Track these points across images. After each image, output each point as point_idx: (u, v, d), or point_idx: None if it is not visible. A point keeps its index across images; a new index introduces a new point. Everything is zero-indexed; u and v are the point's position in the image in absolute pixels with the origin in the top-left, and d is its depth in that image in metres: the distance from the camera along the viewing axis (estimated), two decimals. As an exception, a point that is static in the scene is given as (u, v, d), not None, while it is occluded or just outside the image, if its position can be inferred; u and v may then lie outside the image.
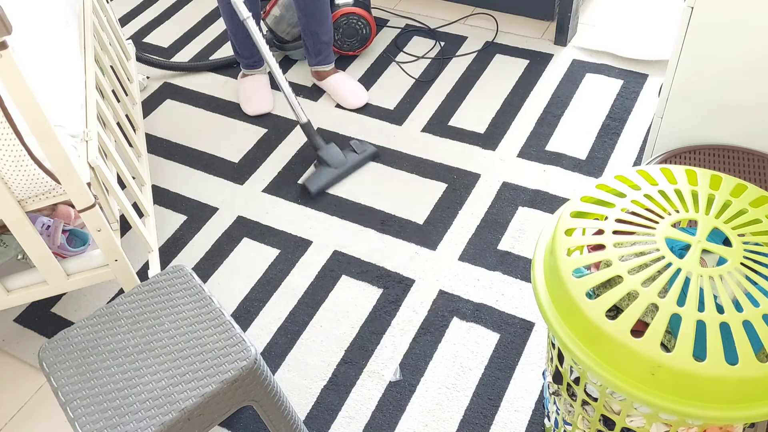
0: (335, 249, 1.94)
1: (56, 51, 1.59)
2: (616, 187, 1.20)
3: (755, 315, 0.99)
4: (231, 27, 2.31)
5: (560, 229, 1.15)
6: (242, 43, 2.35)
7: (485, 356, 1.66)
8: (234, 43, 2.38)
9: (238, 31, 2.30)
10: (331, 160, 2.12)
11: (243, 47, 2.37)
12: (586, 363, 1.03)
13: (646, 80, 2.31)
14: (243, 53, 2.39)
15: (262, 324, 1.79)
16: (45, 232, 1.67)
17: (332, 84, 2.39)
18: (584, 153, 2.10)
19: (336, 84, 2.39)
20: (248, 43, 2.34)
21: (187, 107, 2.46)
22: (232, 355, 1.24)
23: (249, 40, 2.32)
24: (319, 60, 2.37)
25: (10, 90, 1.22)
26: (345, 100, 2.36)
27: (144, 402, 1.20)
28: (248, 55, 2.39)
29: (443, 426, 1.56)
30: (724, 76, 1.45)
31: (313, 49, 2.34)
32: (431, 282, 1.83)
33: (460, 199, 2.02)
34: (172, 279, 1.38)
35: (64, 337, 1.32)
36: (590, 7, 2.63)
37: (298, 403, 1.63)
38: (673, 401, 0.98)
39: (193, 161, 2.26)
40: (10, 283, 1.59)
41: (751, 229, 1.11)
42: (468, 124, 2.25)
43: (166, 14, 2.91)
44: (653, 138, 1.64)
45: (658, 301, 1.01)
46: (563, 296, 1.08)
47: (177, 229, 2.05)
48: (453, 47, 2.54)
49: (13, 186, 1.36)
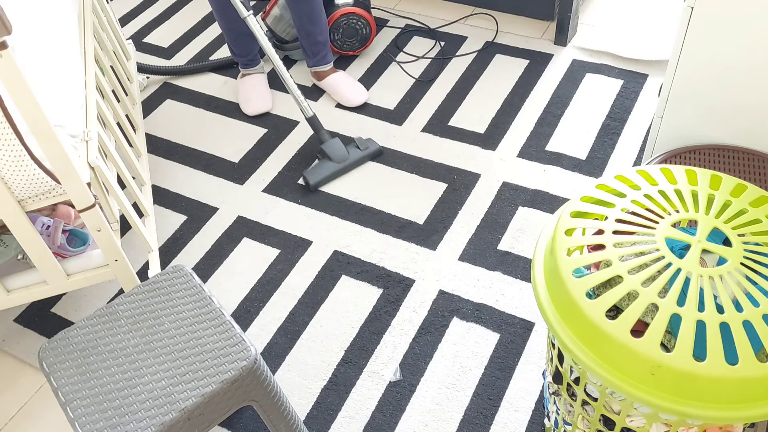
0: (335, 249, 1.94)
1: (56, 51, 1.59)
2: (616, 187, 1.20)
3: (755, 315, 0.99)
4: (224, 25, 2.30)
5: (560, 229, 1.15)
6: (236, 41, 2.35)
7: (485, 356, 1.66)
8: (229, 42, 2.38)
9: (231, 29, 2.30)
10: (333, 154, 2.12)
11: (238, 45, 2.36)
12: (586, 363, 1.03)
13: (646, 80, 2.31)
14: (238, 51, 2.38)
15: (262, 324, 1.79)
16: (45, 232, 1.67)
17: (331, 83, 2.39)
18: (584, 153, 2.10)
19: (335, 83, 2.39)
20: (243, 41, 2.34)
21: (187, 107, 2.46)
22: (232, 355, 1.24)
23: (244, 38, 2.33)
24: (316, 60, 2.37)
25: (10, 90, 1.22)
26: (344, 98, 2.36)
27: (144, 402, 1.20)
28: (244, 53, 2.38)
29: (443, 426, 1.56)
30: (724, 76, 1.45)
31: (309, 50, 2.34)
32: (431, 282, 1.83)
33: (460, 199, 2.02)
34: (172, 279, 1.38)
35: (64, 337, 1.32)
36: (590, 7, 2.63)
37: (298, 403, 1.63)
38: (673, 401, 0.98)
39: (193, 161, 2.26)
40: (10, 283, 1.59)
41: (751, 229, 1.11)
42: (468, 124, 2.25)
43: (166, 14, 2.91)
44: (653, 138, 1.64)
45: (658, 301, 1.01)
46: (563, 296, 1.08)
47: (177, 229, 2.05)
48: (453, 47, 2.54)
49: (13, 186, 1.36)
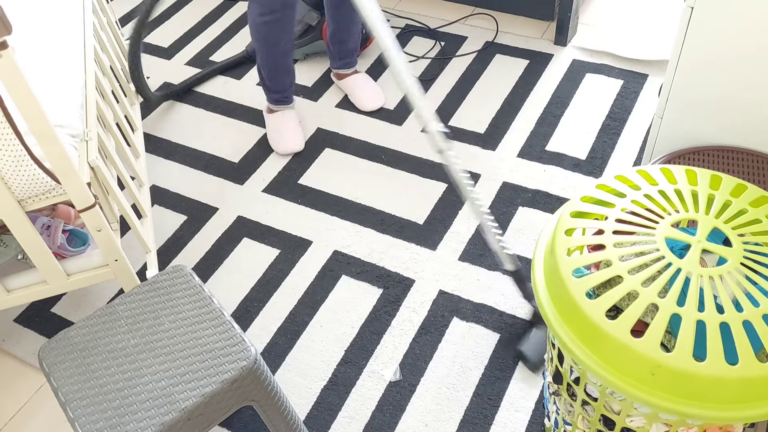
0: (335, 249, 1.94)
1: (56, 51, 1.59)
2: (616, 187, 1.20)
3: (755, 315, 0.99)
4: (267, 58, 2.09)
5: (560, 229, 1.15)
6: (277, 78, 2.16)
7: (485, 356, 1.66)
8: (265, 76, 2.16)
9: (276, 63, 2.11)
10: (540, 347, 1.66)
11: (277, 82, 2.17)
12: (586, 363, 1.03)
13: (646, 80, 2.31)
14: (274, 87, 2.18)
15: (262, 324, 1.79)
16: (45, 232, 1.67)
17: (350, 84, 2.36)
18: (584, 153, 2.10)
19: (354, 84, 2.36)
20: (283, 77, 2.17)
21: (187, 107, 2.46)
22: (232, 355, 1.24)
23: (284, 75, 2.16)
24: (342, 64, 2.34)
25: (10, 90, 1.22)
26: (360, 101, 2.34)
27: (144, 402, 1.20)
28: (280, 89, 2.19)
29: (443, 426, 1.56)
30: (724, 75, 1.45)
31: (337, 54, 2.31)
32: (431, 282, 1.83)
33: (460, 199, 2.02)
34: (172, 279, 1.38)
35: (64, 337, 1.32)
36: (590, 7, 2.63)
37: (298, 403, 1.63)
38: (673, 401, 0.98)
39: (193, 161, 2.26)
40: (10, 283, 1.59)
41: (751, 229, 1.11)
42: (468, 124, 2.25)
43: (166, 14, 2.91)
44: (653, 138, 1.64)
45: (658, 301, 1.01)
46: (563, 296, 1.08)
47: (177, 229, 2.05)
48: (453, 47, 2.54)
49: (13, 186, 1.36)
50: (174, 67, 2.64)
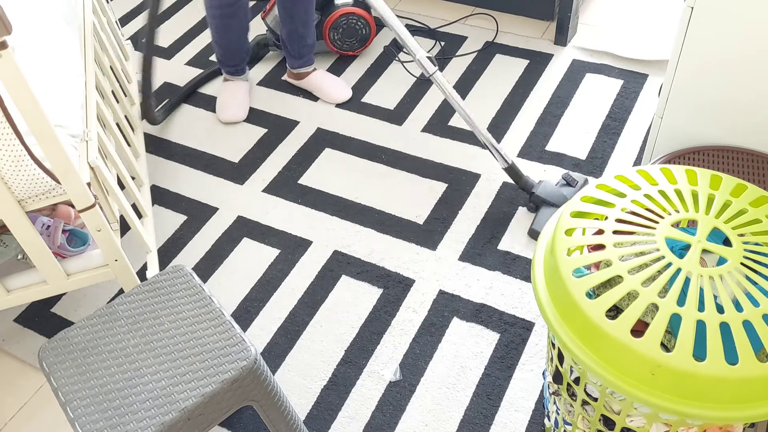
0: (335, 249, 1.94)
1: (56, 51, 1.59)
2: (616, 187, 1.20)
3: (755, 315, 0.99)
4: (220, 40, 2.27)
5: (560, 229, 1.15)
6: (229, 54, 2.32)
7: (485, 356, 1.66)
8: (218, 53, 2.34)
9: (229, 44, 2.28)
10: (553, 198, 1.90)
11: (229, 58, 2.33)
12: (586, 363, 1.03)
13: (646, 80, 2.31)
14: (227, 62, 2.35)
15: (262, 324, 1.79)
16: (45, 232, 1.67)
17: (314, 81, 2.39)
18: (584, 153, 2.10)
19: (318, 81, 2.39)
20: (235, 54, 2.32)
21: (187, 107, 2.46)
22: (232, 355, 1.24)
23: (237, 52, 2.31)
24: (302, 63, 2.37)
25: (10, 90, 1.22)
26: (329, 95, 2.37)
27: (144, 402, 1.20)
28: (233, 63, 2.36)
29: (443, 426, 1.56)
30: (724, 76, 1.45)
31: (297, 52, 2.33)
32: (431, 282, 1.83)
33: (460, 199, 2.02)
34: (172, 279, 1.38)
35: (64, 337, 1.32)
36: (590, 7, 2.63)
37: (298, 403, 1.63)
38: (673, 401, 0.98)
39: (193, 161, 2.26)
40: (10, 283, 1.59)
41: (751, 229, 1.11)
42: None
43: (166, 14, 2.91)
44: (653, 138, 1.65)
45: (658, 301, 1.01)
46: (563, 296, 1.08)
47: (177, 229, 2.05)
48: (453, 47, 2.54)
49: (13, 186, 1.36)
50: (174, 67, 2.64)
